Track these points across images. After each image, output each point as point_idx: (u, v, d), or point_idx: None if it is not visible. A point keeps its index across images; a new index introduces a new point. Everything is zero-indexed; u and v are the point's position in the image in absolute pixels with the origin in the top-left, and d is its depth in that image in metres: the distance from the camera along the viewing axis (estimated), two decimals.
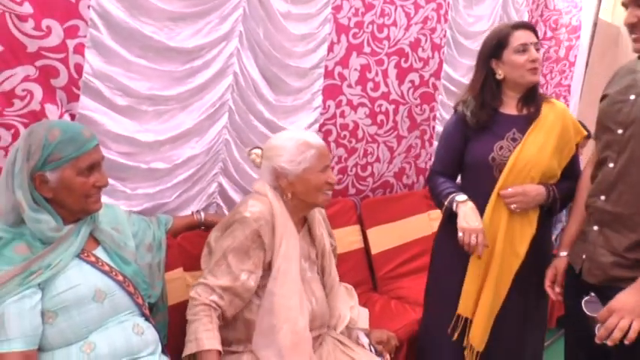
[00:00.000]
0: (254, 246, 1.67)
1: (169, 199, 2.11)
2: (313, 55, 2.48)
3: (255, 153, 1.83)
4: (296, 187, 1.74)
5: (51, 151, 1.41)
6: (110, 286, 1.50)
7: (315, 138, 1.79)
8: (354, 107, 2.77)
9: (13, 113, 1.66)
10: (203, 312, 1.60)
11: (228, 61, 2.16)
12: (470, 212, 1.89)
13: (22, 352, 1.33)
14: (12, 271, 1.36)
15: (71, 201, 1.46)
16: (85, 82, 1.78)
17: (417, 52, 2.97)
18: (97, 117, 1.83)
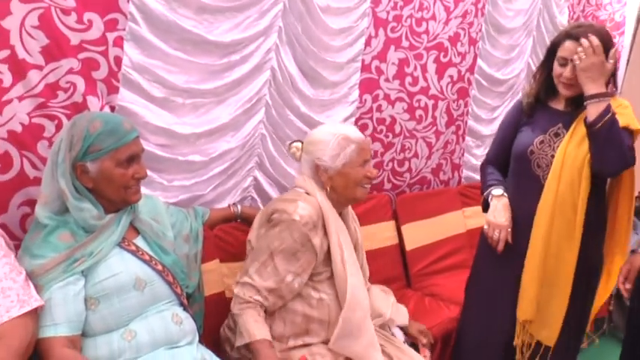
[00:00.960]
0: (303, 249, 1.64)
1: (205, 191, 2.11)
2: (350, 49, 2.44)
3: (296, 146, 1.81)
4: (335, 182, 1.72)
5: (91, 142, 1.43)
6: (150, 275, 1.51)
7: (356, 132, 1.76)
8: (391, 102, 2.71)
9: (57, 105, 1.68)
10: (249, 307, 1.61)
11: (266, 57, 2.14)
12: (500, 207, 1.87)
13: (67, 337, 1.34)
14: (57, 258, 1.38)
15: (111, 191, 1.48)
16: (124, 75, 1.79)
17: (456, 46, 2.90)
18: (136, 109, 1.84)
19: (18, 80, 1.59)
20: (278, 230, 1.63)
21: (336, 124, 1.91)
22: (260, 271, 1.63)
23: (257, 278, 1.62)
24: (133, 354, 1.42)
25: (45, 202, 1.46)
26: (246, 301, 1.61)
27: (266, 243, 1.65)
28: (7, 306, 1.26)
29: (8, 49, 1.55)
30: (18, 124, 1.61)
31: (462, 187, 3.15)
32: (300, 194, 1.71)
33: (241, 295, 1.61)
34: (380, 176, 2.82)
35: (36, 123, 1.65)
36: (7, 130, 1.60)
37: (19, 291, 1.29)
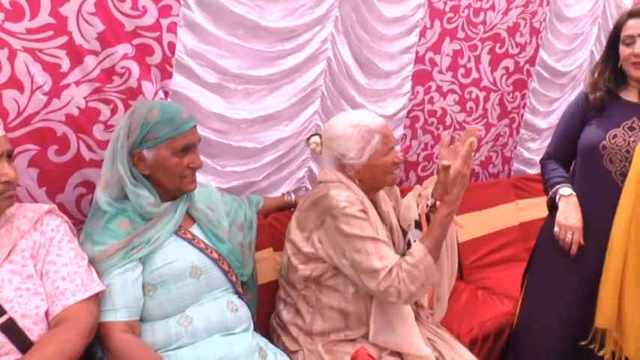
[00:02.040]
0: (369, 221, 1.55)
1: (257, 178, 2.08)
2: (404, 40, 2.35)
3: (315, 141, 1.71)
4: (362, 174, 1.63)
5: (148, 130, 1.42)
6: (206, 263, 1.50)
7: (375, 119, 1.64)
8: (443, 94, 2.62)
9: (112, 89, 1.68)
10: (397, 266, 1.49)
11: (322, 46, 2.08)
12: (571, 208, 1.76)
13: (126, 322, 1.35)
14: (116, 245, 1.38)
15: (166, 180, 1.47)
16: (177, 60, 1.78)
17: (515, 37, 2.76)
18: (189, 94, 1.82)
19: (75, 65, 1.60)
20: (344, 225, 1.52)
21: (353, 113, 1.76)
22: (380, 257, 1.50)
23: (385, 262, 1.49)
24: (189, 339, 1.41)
25: (105, 185, 1.47)
26: (399, 281, 1.47)
27: (352, 239, 1.52)
28: (72, 289, 1.27)
29: (66, 35, 1.55)
30: (75, 107, 1.63)
31: (514, 178, 3.03)
32: (326, 186, 1.60)
33: (396, 285, 1.47)
34: (429, 168, 2.74)
35: (92, 107, 1.66)
36: (64, 114, 1.62)
37: (82, 275, 1.30)
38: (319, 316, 1.63)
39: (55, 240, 1.32)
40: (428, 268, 1.47)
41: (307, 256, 1.61)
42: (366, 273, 1.50)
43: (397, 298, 1.48)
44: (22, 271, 1.25)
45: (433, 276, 1.49)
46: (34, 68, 1.52)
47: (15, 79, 1.50)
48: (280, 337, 1.71)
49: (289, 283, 1.68)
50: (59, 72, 1.57)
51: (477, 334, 2.07)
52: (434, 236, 1.50)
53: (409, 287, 1.46)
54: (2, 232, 1.26)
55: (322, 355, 1.60)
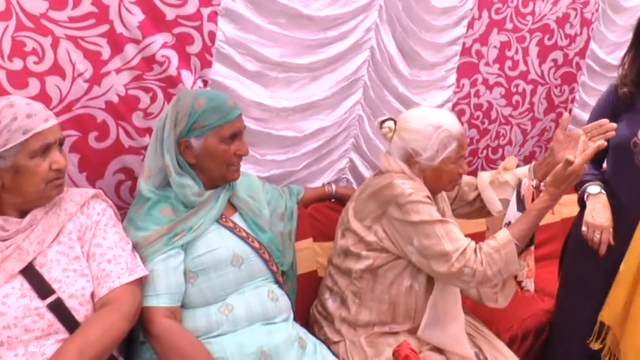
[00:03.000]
0: (436, 206, 1.53)
1: (297, 167, 2.05)
2: (452, 31, 2.26)
3: (388, 126, 1.63)
4: (427, 175, 1.58)
5: (196, 119, 1.41)
6: (247, 252, 1.49)
7: (456, 124, 1.58)
8: (489, 87, 2.52)
9: (152, 77, 1.67)
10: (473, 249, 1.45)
11: (366, 35, 2.02)
12: (599, 207, 1.67)
13: (168, 308, 1.35)
14: (159, 231, 1.39)
15: (212, 167, 1.46)
16: (217, 49, 1.75)
17: (564, 28, 2.63)
18: (229, 83, 1.80)
19: (116, 53, 1.59)
20: (412, 212, 1.47)
21: (435, 111, 1.69)
22: (450, 239, 1.46)
23: (457, 244, 1.45)
24: (230, 327, 1.41)
25: (148, 175, 1.47)
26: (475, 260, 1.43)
27: (421, 226, 1.46)
28: (117, 272, 1.28)
29: (107, 24, 1.55)
30: (115, 95, 1.63)
31: None
32: (390, 176, 1.55)
33: (471, 265, 1.42)
34: (474, 164, 2.65)
35: (132, 94, 1.66)
36: (104, 101, 1.62)
37: (127, 259, 1.31)
38: (365, 308, 1.60)
39: (101, 223, 1.34)
40: (509, 255, 1.43)
41: (370, 245, 1.57)
42: (436, 257, 1.46)
43: (471, 278, 1.44)
44: (69, 253, 1.27)
45: (512, 265, 1.45)
46: (75, 56, 1.53)
47: (57, 66, 1.51)
48: (322, 328, 1.69)
49: (341, 271, 1.65)
50: (100, 60, 1.57)
51: (517, 332, 2.00)
52: (525, 225, 1.47)
53: (486, 270, 1.43)
54: (51, 214, 1.28)
55: (364, 347, 1.57)
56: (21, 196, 1.22)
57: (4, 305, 1.15)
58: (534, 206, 1.48)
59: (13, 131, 1.16)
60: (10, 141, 1.16)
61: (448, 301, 1.58)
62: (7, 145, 1.16)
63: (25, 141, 1.17)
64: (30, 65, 1.46)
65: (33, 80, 1.47)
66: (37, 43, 1.45)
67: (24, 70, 1.45)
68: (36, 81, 1.47)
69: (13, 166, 1.18)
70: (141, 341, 1.39)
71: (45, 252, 1.24)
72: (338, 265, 1.66)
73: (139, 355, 1.41)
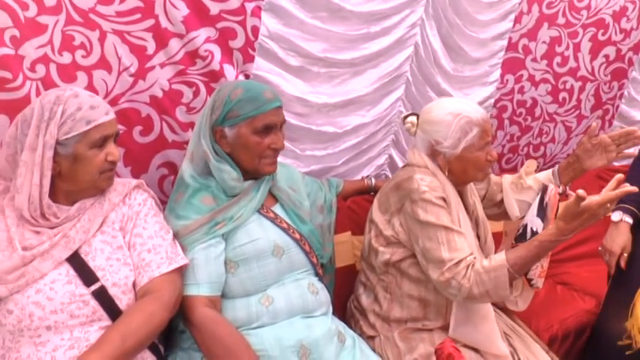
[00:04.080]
0: (447, 210, 1.47)
1: (336, 163, 2.03)
2: (498, 25, 2.19)
3: (411, 121, 1.61)
4: (453, 165, 1.53)
5: (231, 108, 1.40)
6: (288, 243, 1.47)
7: (477, 111, 1.53)
8: (535, 83, 2.44)
9: (195, 72, 1.67)
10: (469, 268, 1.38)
11: (411, 31, 1.98)
12: (615, 234, 1.79)
13: (208, 297, 1.34)
14: (200, 220, 1.38)
15: (245, 159, 1.44)
16: (260, 44, 1.74)
17: (620, 22, 2.51)
18: (271, 77, 1.79)
19: (160, 48, 1.60)
20: (420, 210, 1.45)
21: (455, 100, 1.67)
22: (450, 248, 1.41)
23: (454, 254, 1.40)
24: (270, 319, 1.39)
25: (191, 159, 1.48)
26: (464, 276, 1.37)
27: (425, 227, 1.44)
28: (157, 262, 1.29)
29: (153, 18, 1.56)
30: (159, 89, 1.64)
31: (599, 169, 2.74)
32: (412, 170, 1.53)
33: (458, 279, 1.37)
34: (513, 160, 2.58)
35: (175, 89, 1.66)
36: (149, 95, 1.63)
37: (167, 248, 1.32)
38: (397, 304, 1.57)
39: (142, 213, 1.35)
40: (500, 280, 1.35)
41: (387, 239, 1.55)
42: (433, 262, 1.43)
43: (457, 292, 1.39)
44: (112, 242, 1.29)
45: (502, 290, 1.37)
46: (121, 50, 1.54)
47: (104, 60, 1.53)
48: (358, 322, 1.67)
49: (370, 266, 1.63)
50: (145, 54, 1.58)
51: (557, 332, 1.95)
52: (524, 254, 1.35)
53: (472, 288, 1.37)
54: (96, 203, 1.31)
55: (397, 342, 1.55)
56: (75, 184, 1.25)
57: (51, 291, 1.18)
58: (539, 237, 1.36)
59: (77, 120, 1.20)
60: (73, 129, 1.19)
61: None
62: (70, 134, 1.19)
63: (86, 131, 1.21)
64: (78, 59, 1.47)
65: (81, 74, 1.49)
66: (85, 37, 1.47)
67: (72, 63, 1.47)
68: (84, 75, 1.49)
69: (73, 154, 1.21)
70: (180, 330, 1.40)
71: (90, 241, 1.26)
72: (366, 259, 1.64)
73: (178, 344, 1.41)
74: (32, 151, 1.19)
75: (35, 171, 1.19)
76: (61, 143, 1.20)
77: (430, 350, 1.49)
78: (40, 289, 1.18)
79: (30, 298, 1.17)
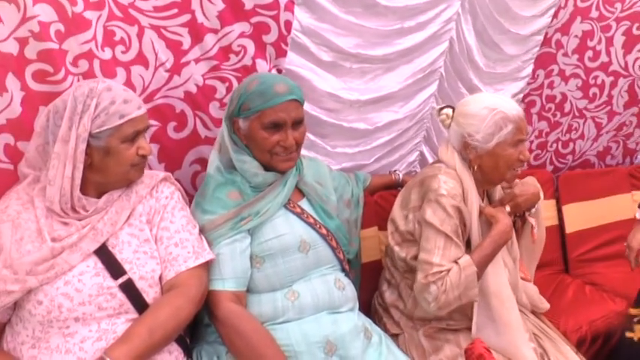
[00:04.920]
0: (457, 221, 1.43)
1: (368, 161, 1.97)
2: (538, 21, 2.09)
3: (446, 113, 1.55)
4: (484, 161, 1.47)
5: (244, 101, 1.36)
6: (314, 238, 1.42)
7: (513, 108, 1.47)
8: (565, 78, 2.33)
9: (228, 67, 1.63)
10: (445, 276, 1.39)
11: (446, 26, 1.90)
12: (636, 229, 1.76)
13: (233, 292, 1.30)
14: (226, 215, 1.34)
15: (258, 153, 1.39)
16: (292, 39, 1.69)
17: None
18: (303, 72, 1.74)
19: (196, 43, 1.56)
20: (428, 210, 1.42)
21: (492, 95, 1.64)
22: (442, 255, 1.40)
23: (444, 262, 1.39)
24: (295, 314, 1.35)
25: (219, 149, 1.43)
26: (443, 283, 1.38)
27: (428, 227, 1.42)
28: (184, 256, 1.26)
29: (189, 13, 1.52)
30: (193, 85, 1.60)
31: (632, 167, 2.65)
32: (439, 168, 1.49)
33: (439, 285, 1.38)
34: (542, 157, 2.48)
35: (209, 84, 1.62)
36: (183, 91, 1.59)
37: (194, 243, 1.28)
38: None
39: (169, 207, 1.31)
40: (469, 280, 1.37)
41: (403, 235, 1.51)
42: (422, 262, 1.40)
43: (433, 299, 1.37)
44: (139, 235, 1.26)
45: (471, 290, 1.38)
46: (158, 45, 1.50)
47: (142, 55, 1.49)
48: (382, 319, 1.62)
49: (393, 263, 1.58)
50: (180, 49, 1.54)
51: (586, 334, 1.87)
52: (483, 252, 1.42)
53: (448, 293, 1.36)
54: (123, 196, 1.27)
55: (422, 342, 1.50)
56: (105, 176, 1.22)
57: (79, 283, 1.15)
58: (490, 233, 1.45)
59: (111, 114, 1.16)
60: (106, 123, 1.16)
61: (494, 308, 1.46)
62: (103, 127, 1.16)
63: (119, 125, 1.17)
64: (118, 55, 1.45)
65: (120, 70, 1.46)
66: (124, 32, 1.44)
67: (113, 59, 1.44)
68: (123, 70, 1.46)
69: (105, 147, 1.18)
70: (206, 323, 1.36)
71: (117, 233, 1.23)
72: (390, 256, 1.59)
73: (203, 337, 1.38)
74: (65, 144, 1.16)
75: (68, 163, 1.16)
76: (94, 136, 1.16)
77: (456, 352, 1.44)
78: (68, 281, 1.15)
79: (59, 290, 1.14)
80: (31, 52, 1.31)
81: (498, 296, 1.46)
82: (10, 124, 1.33)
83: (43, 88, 1.35)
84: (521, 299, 1.62)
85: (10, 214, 1.19)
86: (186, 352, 1.30)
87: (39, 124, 1.24)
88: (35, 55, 1.32)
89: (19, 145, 1.35)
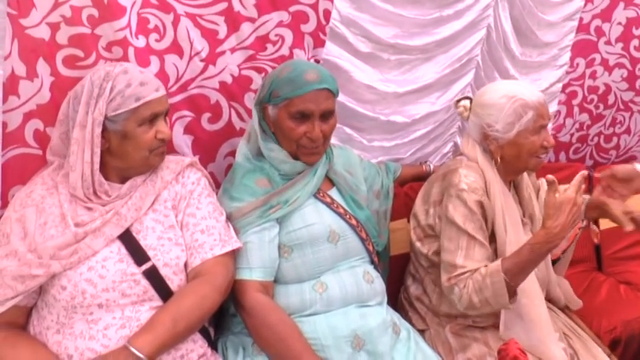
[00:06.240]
0: (479, 217, 1.35)
1: (404, 155, 1.87)
2: (568, 5, 1.96)
3: (464, 105, 1.48)
4: (505, 151, 1.38)
5: (275, 87, 1.29)
6: (344, 229, 1.34)
7: (533, 93, 1.38)
8: (609, 68, 2.17)
9: (265, 57, 1.55)
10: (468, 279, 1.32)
11: (484, 13, 1.79)
12: None
13: (260, 282, 1.24)
14: (254, 203, 1.27)
15: (284, 142, 1.33)
16: (331, 28, 1.60)
17: None
18: (341, 63, 1.65)
19: (232, 32, 1.48)
20: (450, 206, 1.34)
21: (510, 82, 1.55)
22: (466, 255, 1.33)
23: (467, 262, 1.32)
24: (323, 307, 1.27)
25: (248, 138, 1.38)
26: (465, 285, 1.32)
27: (450, 225, 1.35)
28: (210, 244, 1.20)
29: (225, 1, 1.44)
30: (229, 75, 1.52)
31: None
32: (460, 161, 1.41)
33: (461, 286, 1.31)
34: (582, 151, 2.33)
35: (245, 75, 1.54)
36: (218, 81, 1.52)
37: (221, 230, 1.22)
38: (445, 299, 1.42)
39: (195, 193, 1.25)
40: (497, 287, 1.26)
41: (424, 230, 1.44)
42: (445, 263, 1.34)
43: (458, 300, 1.31)
44: (164, 221, 1.20)
45: (501, 297, 1.27)
46: (194, 34, 1.43)
47: (176, 44, 1.42)
48: (408, 314, 1.53)
49: (417, 258, 1.50)
50: (216, 38, 1.46)
51: (621, 335, 1.73)
52: (518, 259, 1.27)
53: (471, 296, 1.28)
54: (148, 181, 1.22)
55: (449, 339, 1.43)
56: (125, 161, 1.17)
57: (103, 269, 1.11)
58: (529, 240, 1.27)
59: (127, 97, 1.12)
60: (122, 106, 1.11)
61: (521, 304, 1.36)
62: (118, 110, 1.11)
63: (135, 108, 1.12)
64: (152, 43, 1.39)
65: (154, 58, 1.39)
66: (159, 20, 1.37)
67: (146, 47, 1.38)
68: (156, 59, 1.40)
69: (122, 131, 1.13)
70: (232, 313, 1.29)
71: (141, 219, 1.17)
72: (414, 250, 1.51)
73: (229, 328, 1.31)
74: (82, 129, 1.11)
75: (86, 148, 1.11)
76: (110, 119, 1.12)
77: (484, 350, 1.35)
78: (92, 267, 1.11)
79: (82, 275, 1.10)
80: (62, 37, 1.26)
81: (527, 293, 1.36)
82: (39, 110, 1.29)
83: (74, 73, 1.30)
84: (555, 293, 1.52)
85: (34, 198, 1.15)
86: (210, 343, 1.24)
87: (61, 111, 1.19)
88: (66, 41, 1.27)
89: (48, 130, 1.30)
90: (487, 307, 1.30)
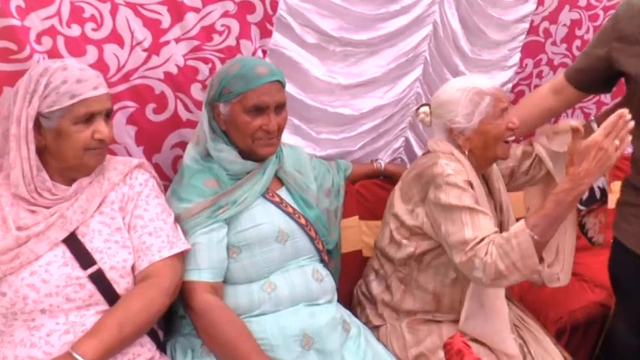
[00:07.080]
0: (472, 192, 1.36)
1: (354, 147, 1.92)
2: (521, 7, 2.05)
3: (424, 112, 1.53)
4: (473, 142, 1.44)
5: (225, 84, 1.31)
6: (293, 229, 1.38)
7: (486, 81, 1.45)
8: (553, 67, 2.29)
9: (211, 48, 1.56)
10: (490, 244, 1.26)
11: (429, 9, 1.85)
12: None
13: (209, 283, 1.26)
14: (202, 204, 1.30)
15: (238, 139, 1.35)
16: (278, 19, 1.63)
17: None
18: (289, 53, 1.68)
19: (176, 22, 1.49)
20: (443, 193, 1.34)
21: (462, 78, 1.60)
22: (474, 227, 1.28)
23: (478, 232, 1.28)
24: (272, 306, 1.31)
25: (196, 141, 1.39)
26: (487, 253, 1.24)
27: (448, 210, 1.33)
28: (158, 246, 1.21)
29: None
30: (174, 65, 1.53)
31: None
32: (436, 156, 1.43)
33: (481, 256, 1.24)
34: None
35: (190, 65, 1.55)
36: (163, 71, 1.52)
37: (169, 232, 1.24)
38: (410, 296, 1.48)
39: (143, 194, 1.26)
40: (523, 247, 1.20)
41: (411, 230, 1.45)
42: (455, 246, 1.30)
43: (482, 273, 1.24)
44: (111, 223, 1.21)
45: (529, 259, 1.21)
46: (134, 24, 1.43)
47: (116, 33, 1.42)
48: (364, 310, 1.58)
49: (386, 256, 1.53)
50: (159, 28, 1.47)
51: (566, 324, 1.84)
52: (543, 213, 1.23)
53: (497, 263, 1.22)
54: (94, 183, 1.22)
55: (404, 334, 1.46)
56: (61, 160, 1.17)
57: (46, 273, 1.11)
58: (553, 191, 1.23)
59: (61, 94, 1.11)
60: (56, 103, 1.11)
61: (487, 294, 1.41)
62: (53, 107, 1.11)
63: (70, 106, 1.12)
64: (88, 32, 1.37)
65: (91, 48, 1.39)
66: (95, 9, 1.36)
67: (82, 36, 1.37)
68: (94, 49, 1.39)
69: (56, 129, 1.13)
70: (180, 315, 1.32)
71: (87, 222, 1.18)
72: (382, 248, 1.54)
73: (178, 330, 1.34)
74: (18, 124, 1.11)
75: (22, 144, 1.11)
76: (45, 116, 1.12)
77: (437, 344, 1.40)
78: (34, 271, 1.10)
79: (24, 281, 1.09)
80: None
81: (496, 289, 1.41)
82: None
83: (9, 67, 1.28)
84: None
85: None
86: (159, 345, 1.25)
87: (5, 106, 1.17)
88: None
89: None
90: (515, 273, 1.23)
